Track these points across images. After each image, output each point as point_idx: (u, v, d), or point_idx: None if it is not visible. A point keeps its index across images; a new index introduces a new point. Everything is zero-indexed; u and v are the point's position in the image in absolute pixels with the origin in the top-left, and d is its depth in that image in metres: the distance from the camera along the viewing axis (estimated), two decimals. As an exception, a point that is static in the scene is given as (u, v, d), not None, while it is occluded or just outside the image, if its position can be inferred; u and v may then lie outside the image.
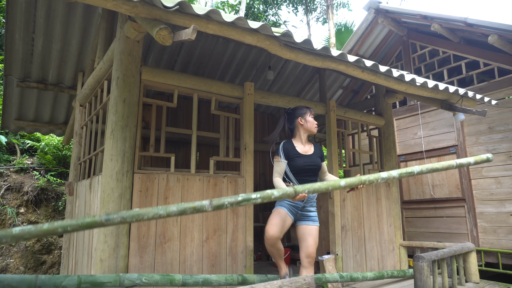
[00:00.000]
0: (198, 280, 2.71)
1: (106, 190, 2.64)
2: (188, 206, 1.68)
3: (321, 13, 17.72)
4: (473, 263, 3.66)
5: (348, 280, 3.62)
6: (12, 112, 5.17)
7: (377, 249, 4.46)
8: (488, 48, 5.36)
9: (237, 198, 1.79)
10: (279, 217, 2.81)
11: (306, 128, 2.99)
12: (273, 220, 2.81)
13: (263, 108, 6.89)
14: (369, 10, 6.24)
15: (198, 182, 3.20)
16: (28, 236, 1.39)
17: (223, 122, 3.65)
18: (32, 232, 1.39)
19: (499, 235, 5.00)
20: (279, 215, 2.83)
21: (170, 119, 5.71)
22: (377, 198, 4.62)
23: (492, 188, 5.13)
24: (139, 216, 1.58)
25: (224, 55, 5.23)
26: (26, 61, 4.37)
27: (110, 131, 2.73)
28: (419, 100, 4.44)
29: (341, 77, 6.58)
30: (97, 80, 3.55)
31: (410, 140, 6.28)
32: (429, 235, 5.84)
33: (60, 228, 1.45)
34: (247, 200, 1.81)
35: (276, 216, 2.83)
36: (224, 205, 1.76)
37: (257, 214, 6.14)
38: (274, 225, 2.78)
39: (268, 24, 2.47)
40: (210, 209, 1.73)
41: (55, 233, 1.46)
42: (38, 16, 3.82)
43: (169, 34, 2.12)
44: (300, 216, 2.90)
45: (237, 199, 1.79)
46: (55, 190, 6.14)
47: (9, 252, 5.44)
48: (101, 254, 2.56)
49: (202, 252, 3.11)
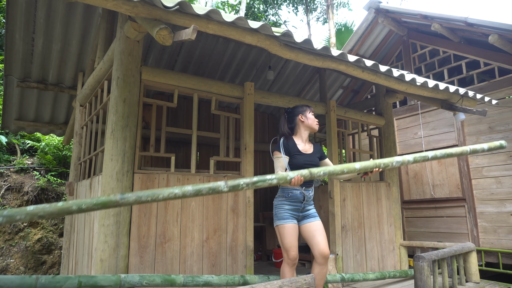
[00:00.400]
0: (199, 282, 2.71)
1: (107, 190, 2.64)
2: (204, 187, 1.71)
3: (321, 13, 17.72)
4: (473, 263, 3.66)
5: (349, 281, 3.62)
6: (12, 112, 5.17)
7: (377, 249, 4.46)
8: (488, 48, 5.36)
9: (253, 179, 1.87)
10: (290, 234, 2.72)
11: (307, 125, 2.93)
12: (287, 240, 2.70)
13: (263, 108, 6.89)
14: (369, 10, 6.23)
15: (198, 182, 3.19)
16: (42, 213, 1.39)
17: (223, 122, 3.65)
18: (46, 210, 1.39)
19: (500, 235, 5.00)
20: (289, 232, 2.72)
21: (170, 119, 5.71)
22: (378, 198, 4.62)
23: (493, 188, 5.12)
24: (154, 196, 1.58)
25: (224, 55, 5.23)
26: (26, 61, 4.37)
27: (110, 131, 2.73)
28: (419, 100, 4.44)
29: (341, 77, 6.58)
30: (97, 80, 3.55)
31: (410, 140, 6.28)
32: (430, 235, 5.84)
33: (75, 206, 1.45)
34: (263, 181, 1.86)
35: (288, 235, 2.71)
36: (240, 185, 1.80)
37: (257, 214, 6.14)
38: (294, 247, 2.68)
39: (268, 24, 2.47)
40: (226, 189, 1.76)
41: (70, 212, 1.46)
42: (38, 16, 3.82)
43: (169, 34, 2.11)
44: (301, 218, 2.85)
45: (253, 180, 1.86)
46: (55, 190, 6.14)
47: (9, 252, 5.44)
48: (101, 254, 2.56)
49: (202, 252, 3.10)
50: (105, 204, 1.50)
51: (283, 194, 2.81)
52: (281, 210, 2.79)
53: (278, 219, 2.78)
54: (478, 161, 5.32)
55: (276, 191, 2.96)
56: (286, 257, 2.70)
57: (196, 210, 3.13)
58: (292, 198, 2.78)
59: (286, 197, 2.79)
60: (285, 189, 2.81)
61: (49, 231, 5.85)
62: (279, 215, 2.79)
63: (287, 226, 2.73)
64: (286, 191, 2.80)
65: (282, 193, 2.82)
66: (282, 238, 2.73)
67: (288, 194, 2.79)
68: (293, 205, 2.79)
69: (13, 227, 5.55)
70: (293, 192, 2.78)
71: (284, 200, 2.80)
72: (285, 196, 2.80)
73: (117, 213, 2.63)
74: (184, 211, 3.07)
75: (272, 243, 6.18)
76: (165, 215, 2.97)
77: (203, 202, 3.19)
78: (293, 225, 2.75)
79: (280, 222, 2.76)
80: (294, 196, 2.78)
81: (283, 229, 2.73)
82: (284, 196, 2.80)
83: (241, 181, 1.79)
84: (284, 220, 2.75)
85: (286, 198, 2.79)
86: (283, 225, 2.74)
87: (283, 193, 2.81)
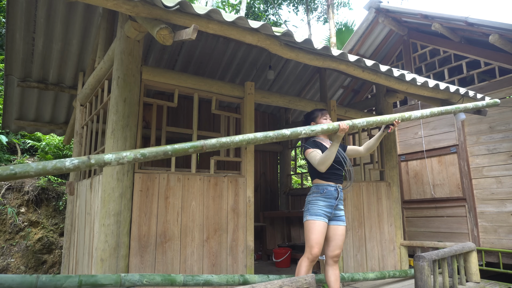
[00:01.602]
0: (199, 281, 2.71)
1: (107, 190, 2.64)
2: (271, 133, 2.15)
3: (321, 13, 17.71)
4: (473, 262, 3.66)
5: (349, 280, 3.62)
6: (13, 111, 5.18)
7: (377, 248, 4.46)
8: (489, 48, 5.35)
9: (310, 127, 2.34)
10: (319, 232, 2.72)
11: None
12: (315, 236, 2.70)
13: (264, 107, 6.89)
14: (369, 9, 6.23)
15: (198, 182, 3.20)
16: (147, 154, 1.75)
17: (224, 121, 3.65)
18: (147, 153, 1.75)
19: (500, 235, 4.99)
20: (319, 230, 2.72)
21: (171, 118, 5.71)
22: (378, 197, 4.62)
23: (493, 187, 5.12)
24: (231, 140, 2.00)
25: (225, 54, 5.23)
26: (26, 60, 4.37)
27: (110, 130, 2.73)
28: (419, 99, 4.44)
29: (341, 77, 6.58)
30: (98, 79, 3.55)
31: (410, 140, 6.28)
32: (430, 234, 5.84)
33: (170, 148, 1.85)
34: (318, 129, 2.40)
35: (317, 232, 2.71)
36: (299, 133, 2.22)
37: (257, 214, 6.14)
38: (319, 244, 2.70)
39: (268, 23, 2.47)
40: (288, 134, 2.22)
41: (166, 155, 1.83)
42: (38, 15, 3.82)
43: (169, 34, 2.11)
44: (333, 217, 2.86)
45: (311, 128, 2.33)
46: (55, 190, 6.14)
47: (10, 252, 5.44)
48: (102, 253, 2.56)
49: (203, 252, 3.11)
50: (194, 147, 1.90)
51: (317, 190, 2.84)
52: (314, 206, 2.80)
53: (310, 214, 2.78)
54: (478, 161, 5.32)
55: (276, 194, 2.97)
56: (309, 253, 2.70)
57: (197, 210, 3.14)
58: (327, 195, 2.81)
59: (321, 193, 2.82)
60: (320, 186, 2.85)
61: (50, 230, 5.85)
62: (312, 211, 2.79)
63: (318, 223, 2.74)
64: (321, 187, 2.84)
65: (317, 189, 2.85)
66: (310, 234, 2.73)
67: (323, 190, 2.82)
68: (328, 202, 2.81)
69: (13, 227, 5.55)
70: (328, 189, 2.83)
71: (319, 197, 2.81)
72: (320, 192, 2.83)
73: (117, 213, 2.64)
74: (184, 210, 3.07)
75: (273, 243, 6.18)
76: (165, 214, 2.97)
77: (203, 201, 3.19)
78: (324, 223, 2.77)
79: (311, 218, 2.76)
80: (329, 192, 2.82)
81: (313, 225, 2.74)
82: (319, 192, 2.83)
83: (301, 129, 2.22)
84: (317, 217, 2.76)
85: (321, 194, 2.82)
86: (314, 221, 2.75)
87: (318, 189, 2.84)
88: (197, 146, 1.88)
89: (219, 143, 1.95)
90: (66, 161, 1.56)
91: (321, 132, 2.41)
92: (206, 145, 1.91)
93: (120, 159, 1.68)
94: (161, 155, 1.82)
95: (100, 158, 1.65)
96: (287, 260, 5.24)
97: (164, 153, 1.81)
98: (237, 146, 2.02)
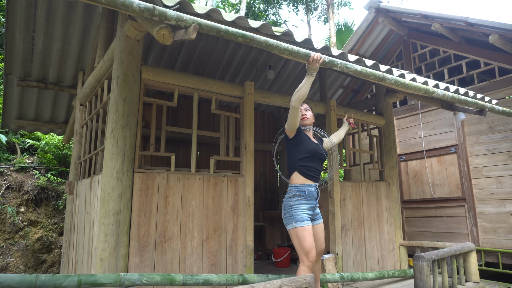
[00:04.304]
0: (199, 281, 2.71)
1: (107, 189, 2.64)
2: (302, 50, 2.29)
3: (321, 13, 17.71)
4: (473, 262, 3.66)
5: (349, 280, 3.63)
6: (13, 111, 5.17)
7: (377, 248, 4.46)
8: (488, 48, 5.35)
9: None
10: (311, 236, 2.60)
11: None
12: (309, 243, 2.56)
13: (264, 107, 6.89)
14: (369, 9, 6.23)
15: (198, 182, 3.20)
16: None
17: (224, 121, 3.65)
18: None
19: (499, 235, 5.00)
20: (310, 234, 2.60)
21: (170, 118, 5.71)
22: (377, 197, 4.62)
23: (493, 187, 5.13)
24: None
25: (225, 54, 5.23)
26: (26, 60, 4.37)
27: (110, 130, 2.73)
28: (419, 99, 4.44)
29: (341, 77, 6.58)
30: (98, 79, 3.55)
31: (410, 140, 6.28)
32: (429, 234, 5.84)
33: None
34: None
35: (309, 237, 2.58)
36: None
37: (257, 214, 6.14)
38: (313, 248, 2.58)
39: (268, 23, 2.47)
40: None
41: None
42: (38, 15, 3.82)
43: (169, 33, 2.11)
44: (313, 217, 2.80)
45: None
46: (55, 189, 6.14)
47: (9, 251, 5.44)
48: (101, 253, 2.56)
49: (202, 252, 3.11)
50: (244, 36, 2.06)
51: (299, 193, 2.69)
52: (298, 211, 2.64)
53: (296, 221, 2.61)
54: (478, 161, 5.33)
55: (276, 195, 2.97)
56: (306, 260, 2.55)
57: (196, 210, 3.14)
58: (308, 197, 2.69)
59: (303, 195, 2.68)
60: (301, 187, 2.70)
61: (49, 230, 5.85)
62: (297, 217, 2.62)
63: (307, 228, 2.59)
64: (302, 189, 2.69)
65: (298, 192, 2.69)
66: (302, 241, 2.56)
67: (305, 192, 2.68)
68: (309, 204, 2.70)
69: (13, 226, 5.55)
70: (309, 190, 2.70)
71: (301, 200, 2.67)
72: (301, 194, 2.68)
73: (117, 212, 2.64)
74: (184, 210, 3.07)
75: (272, 243, 6.18)
76: (165, 214, 2.97)
77: (203, 201, 3.19)
78: (310, 226, 2.65)
79: (299, 224, 2.59)
80: (310, 194, 2.70)
81: (304, 231, 2.57)
82: (300, 195, 2.68)
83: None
84: (304, 222, 2.60)
85: (303, 197, 2.68)
86: (304, 227, 2.58)
87: (299, 192, 2.69)
88: (247, 36, 2.08)
89: (265, 43, 2.15)
90: (134, 2, 1.82)
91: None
92: (255, 39, 2.11)
93: (179, 19, 1.92)
94: (214, 32, 2.00)
95: (163, 11, 1.89)
96: (286, 260, 5.25)
97: (217, 31, 1.99)
98: (277, 52, 2.20)
